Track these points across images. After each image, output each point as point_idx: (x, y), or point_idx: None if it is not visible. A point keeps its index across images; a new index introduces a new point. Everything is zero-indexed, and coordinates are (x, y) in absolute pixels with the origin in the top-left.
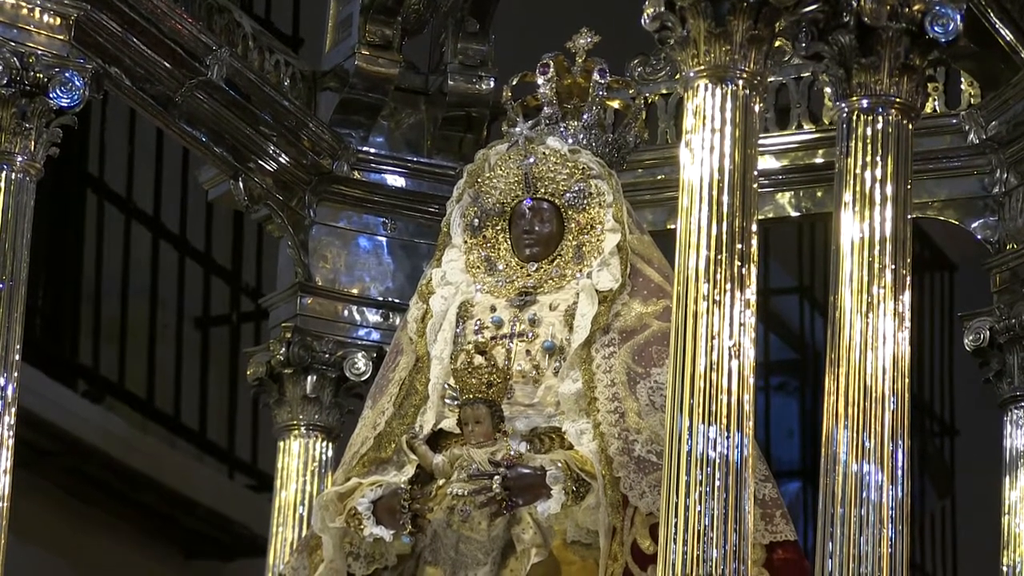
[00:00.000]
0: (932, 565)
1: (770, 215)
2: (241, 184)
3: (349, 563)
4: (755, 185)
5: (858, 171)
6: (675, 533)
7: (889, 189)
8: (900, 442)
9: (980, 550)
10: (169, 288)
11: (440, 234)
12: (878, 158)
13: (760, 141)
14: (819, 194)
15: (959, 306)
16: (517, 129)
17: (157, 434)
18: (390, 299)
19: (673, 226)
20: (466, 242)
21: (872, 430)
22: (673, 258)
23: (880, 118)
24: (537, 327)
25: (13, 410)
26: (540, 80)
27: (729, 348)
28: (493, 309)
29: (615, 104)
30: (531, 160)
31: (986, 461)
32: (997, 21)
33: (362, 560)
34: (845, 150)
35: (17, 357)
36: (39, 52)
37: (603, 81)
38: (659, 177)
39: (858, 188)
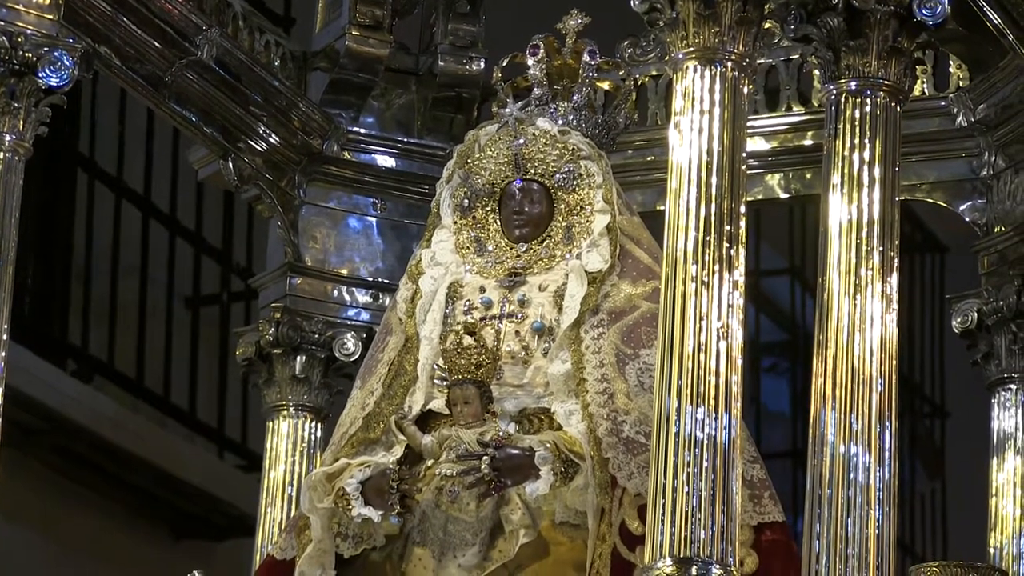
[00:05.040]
0: (922, 546)
1: (759, 197)
2: (231, 164)
3: (337, 543)
4: (744, 167)
5: (846, 153)
6: (663, 514)
7: (877, 171)
8: (888, 424)
9: (970, 531)
10: (159, 267)
11: (430, 215)
12: (866, 140)
13: (749, 123)
14: (808, 176)
15: (950, 288)
16: (507, 110)
17: (146, 414)
18: (380, 279)
19: (663, 207)
20: (456, 223)
21: (860, 412)
22: (662, 239)
23: (868, 101)
24: (526, 308)
25: (1, 389)
26: (530, 61)
27: (717, 329)
28: (482, 290)
29: (605, 85)
30: (521, 141)
31: (976, 442)
32: (985, 4)
33: (350, 540)
34: (833, 132)
35: (5, 336)
36: (28, 31)
37: (593, 62)
38: (649, 158)
39: (846, 170)
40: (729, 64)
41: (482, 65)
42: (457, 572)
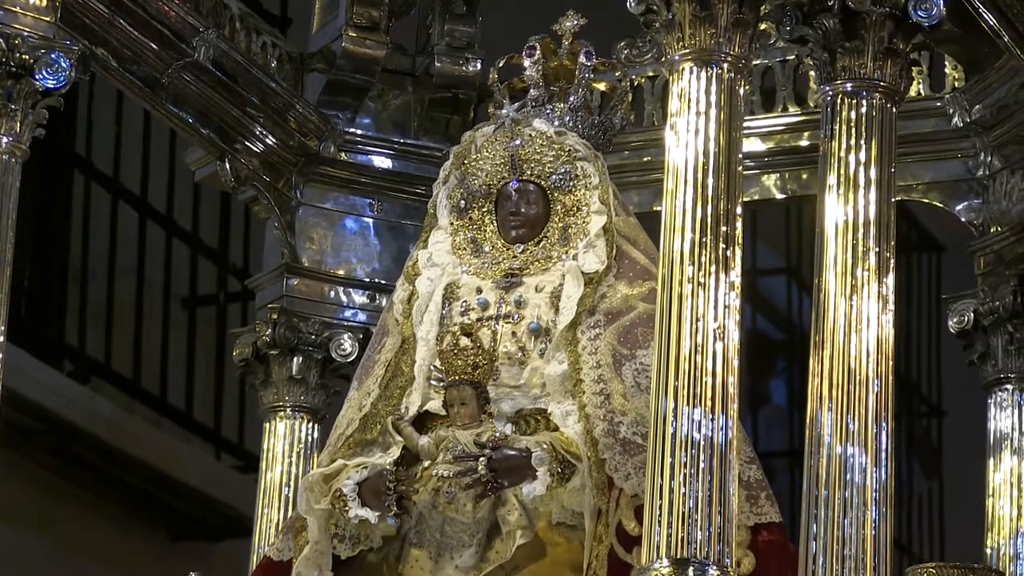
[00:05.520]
0: (919, 546)
1: (756, 197)
2: (227, 165)
3: (334, 545)
4: (740, 168)
5: (842, 154)
6: (660, 515)
7: (873, 172)
8: (884, 424)
9: (968, 530)
10: (156, 268)
11: (426, 216)
12: (862, 141)
13: (746, 123)
14: (804, 176)
15: (948, 286)
16: (503, 111)
17: (143, 414)
18: (376, 280)
19: (659, 208)
20: (452, 224)
21: (856, 412)
22: (659, 240)
23: (864, 102)
24: (523, 309)
25: None
26: (527, 62)
27: (714, 330)
28: (479, 291)
29: (601, 86)
30: (517, 142)
31: (974, 441)
32: (980, 5)
33: (347, 542)
34: (829, 133)
35: (2, 338)
36: (25, 34)
37: (589, 63)
38: (645, 159)
39: (842, 171)
40: (725, 66)
41: (478, 66)
42: (454, 573)
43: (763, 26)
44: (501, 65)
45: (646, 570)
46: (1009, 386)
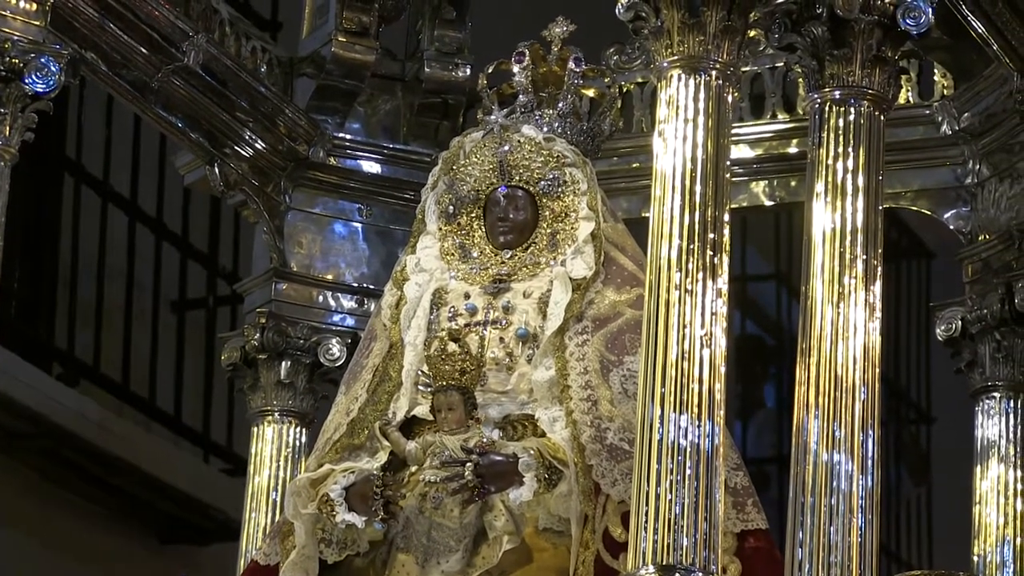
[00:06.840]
0: (908, 552)
1: (744, 204)
2: (217, 170)
3: (321, 549)
4: (728, 175)
5: (830, 162)
6: (646, 521)
7: (861, 180)
8: (870, 432)
9: (956, 537)
10: (145, 271)
11: (415, 221)
12: (850, 149)
13: (735, 130)
14: (793, 183)
15: (937, 292)
16: (492, 117)
17: (132, 418)
18: (365, 285)
19: (647, 214)
20: (440, 229)
21: (842, 420)
22: (647, 247)
23: (852, 109)
24: (511, 314)
25: None
26: (516, 68)
27: (701, 337)
28: (467, 296)
29: (590, 92)
30: (506, 148)
31: (962, 448)
32: (969, 13)
33: (334, 546)
34: (817, 141)
35: None
36: (14, 38)
37: (578, 69)
38: (634, 165)
39: (830, 179)
40: (713, 73)
41: (468, 71)
42: None
43: (752, 33)
44: (490, 71)
45: None
46: (996, 394)
